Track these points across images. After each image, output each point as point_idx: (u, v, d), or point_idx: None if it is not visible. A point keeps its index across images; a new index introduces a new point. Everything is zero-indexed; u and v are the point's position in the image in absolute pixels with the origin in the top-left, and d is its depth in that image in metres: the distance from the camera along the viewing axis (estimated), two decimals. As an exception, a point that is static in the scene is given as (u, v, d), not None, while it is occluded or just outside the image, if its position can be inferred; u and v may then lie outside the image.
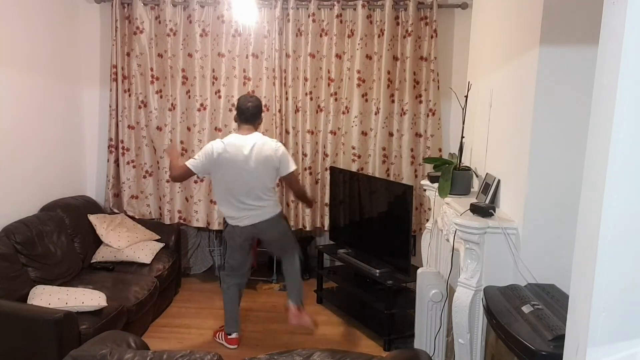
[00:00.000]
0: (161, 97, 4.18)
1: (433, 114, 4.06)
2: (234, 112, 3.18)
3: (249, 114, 3.05)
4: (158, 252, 3.81)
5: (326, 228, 4.24)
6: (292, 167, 3.09)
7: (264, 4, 4.00)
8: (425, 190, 3.22)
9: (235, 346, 3.27)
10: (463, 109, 2.83)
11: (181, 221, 4.27)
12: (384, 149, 4.11)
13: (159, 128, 4.20)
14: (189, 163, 3.03)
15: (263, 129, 4.09)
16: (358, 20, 3.97)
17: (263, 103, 4.06)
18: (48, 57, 3.74)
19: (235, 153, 2.97)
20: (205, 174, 3.19)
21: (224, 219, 3.41)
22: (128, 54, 4.12)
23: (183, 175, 3.11)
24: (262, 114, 3.18)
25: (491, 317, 1.91)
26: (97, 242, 3.76)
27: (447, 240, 2.53)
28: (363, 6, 3.95)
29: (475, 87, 2.91)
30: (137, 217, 4.24)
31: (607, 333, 1.03)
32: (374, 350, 3.28)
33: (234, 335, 3.28)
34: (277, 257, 3.63)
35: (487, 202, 2.36)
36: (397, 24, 4.00)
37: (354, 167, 4.11)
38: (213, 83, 4.13)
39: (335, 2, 3.97)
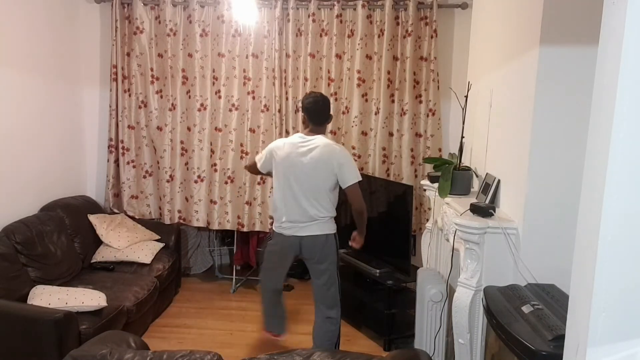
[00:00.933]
0: (161, 97, 4.18)
1: (433, 114, 4.06)
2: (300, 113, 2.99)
3: (309, 113, 2.79)
4: (158, 252, 3.81)
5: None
6: (352, 179, 2.72)
7: (264, 4, 4.00)
8: (425, 190, 3.22)
9: (277, 339, 3.06)
10: (463, 109, 2.83)
11: (181, 221, 4.27)
12: (384, 149, 4.11)
13: (159, 128, 4.20)
14: (256, 157, 2.95)
15: (263, 129, 4.11)
16: (358, 20, 3.97)
17: (263, 103, 4.09)
18: (48, 57, 3.74)
19: (290, 151, 2.75)
20: (266, 170, 2.92)
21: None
22: (128, 54, 4.12)
23: (252, 168, 2.99)
24: (329, 115, 2.86)
25: (491, 317, 1.91)
26: (97, 242, 3.76)
27: (447, 240, 2.53)
28: (363, 6, 3.94)
29: (475, 87, 2.91)
30: (137, 217, 4.24)
31: (607, 333, 1.03)
32: (374, 350, 3.28)
33: (271, 333, 3.06)
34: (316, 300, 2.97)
35: (487, 202, 2.36)
36: (397, 24, 3.99)
37: (354, 167, 4.11)
38: (213, 83, 4.13)
39: (335, 2, 3.97)
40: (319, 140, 2.76)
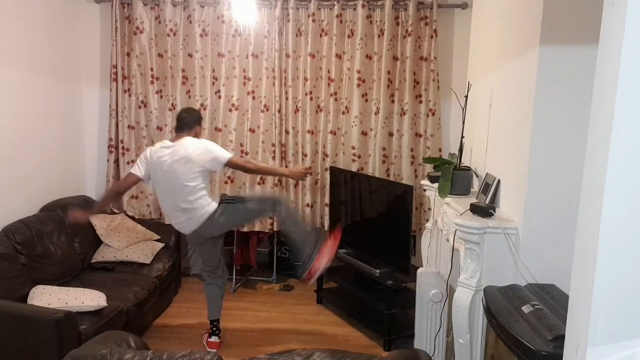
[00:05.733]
0: (161, 97, 4.18)
1: (433, 114, 4.06)
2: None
3: (179, 122, 3.07)
4: (158, 252, 3.81)
5: (326, 228, 4.24)
6: (225, 156, 2.96)
7: (264, 4, 4.00)
8: (425, 190, 3.22)
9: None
10: (463, 109, 2.83)
11: (181, 221, 4.27)
12: (384, 149, 4.10)
13: (159, 128, 4.20)
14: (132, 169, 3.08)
15: (263, 129, 4.11)
16: (358, 20, 3.97)
17: (263, 103, 4.09)
18: (48, 57, 3.74)
19: (158, 155, 2.95)
20: (142, 174, 3.02)
21: None
22: (128, 54, 4.12)
23: (126, 181, 3.14)
24: (199, 124, 3.13)
25: (491, 317, 1.91)
26: (97, 242, 3.75)
27: (447, 240, 2.53)
28: (363, 6, 3.94)
29: (475, 87, 2.91)
30: (137, 217, 4.24)
31: (607, 333, 1.03)
32: (374, 350, 3.28)
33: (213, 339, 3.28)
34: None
35: (487, 202, 2.36)
36: (397, 24, 3.99)
37: (354, 167, 4.11)
38: (213, 83, 4.13)
39: (335, 2, 3.97)
40: (183, 141, 2.96)
